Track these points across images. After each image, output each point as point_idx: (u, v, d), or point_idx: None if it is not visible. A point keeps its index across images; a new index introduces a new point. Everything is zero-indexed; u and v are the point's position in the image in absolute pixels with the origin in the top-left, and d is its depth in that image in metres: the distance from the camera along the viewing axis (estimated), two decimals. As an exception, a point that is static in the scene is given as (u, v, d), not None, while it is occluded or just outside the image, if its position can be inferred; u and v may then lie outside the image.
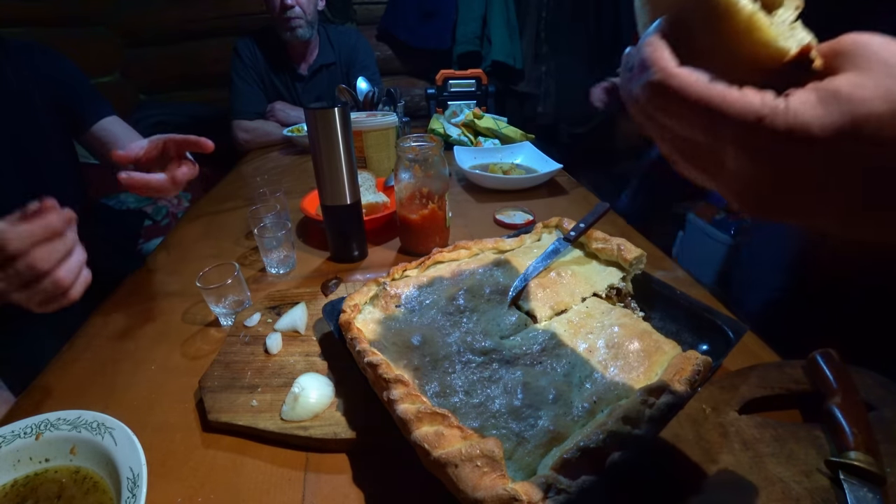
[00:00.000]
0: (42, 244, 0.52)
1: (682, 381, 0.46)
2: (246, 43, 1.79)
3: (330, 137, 0.75)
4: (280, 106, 1.81)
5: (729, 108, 0.25)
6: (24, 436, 0.48)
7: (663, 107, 0.28)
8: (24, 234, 0.51)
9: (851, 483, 0.40)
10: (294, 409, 0.51)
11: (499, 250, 0.73)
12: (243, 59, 1.77)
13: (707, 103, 0.26)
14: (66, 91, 1.06)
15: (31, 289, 0.52)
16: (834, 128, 0.23)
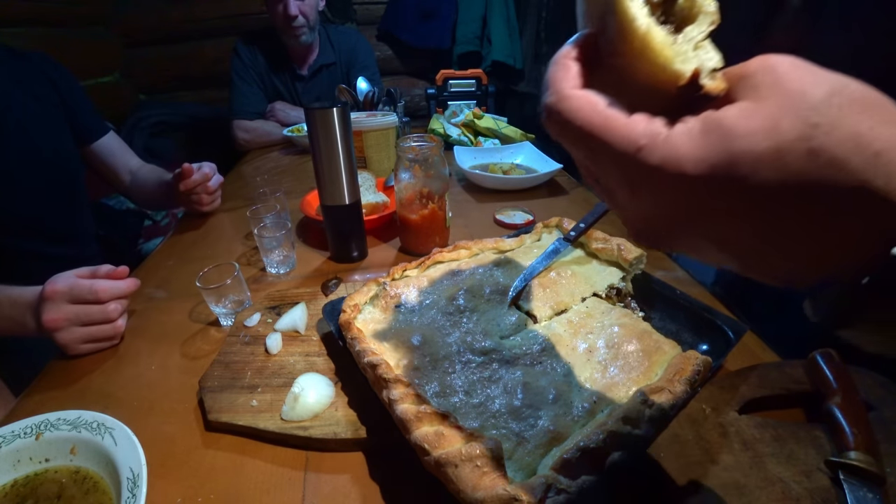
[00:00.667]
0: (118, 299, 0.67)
1: (682, 381, 0.46)
2: (246, 43, 1.79)
3: (330, 137, 0.75)
4: (280, 106, 1.81)
5: (610, 136, 0.23)
6: (24, 436, 0.48)
7: (555, 131, 0.26)
8: (114, 289, 0.66)
9: (851, 483, 0.40)
10: (294, 409, 0.51)
11: (499, 250, 0.73)
12: (243, 60, 1.77)
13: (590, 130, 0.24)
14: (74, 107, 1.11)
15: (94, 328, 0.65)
16: (708, 164, 0.21)
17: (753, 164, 0.20)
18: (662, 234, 0.25)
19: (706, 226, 0.23)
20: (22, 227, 1.00)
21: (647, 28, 0.23)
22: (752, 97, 0.21)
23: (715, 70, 0.23)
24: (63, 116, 1.07)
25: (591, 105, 0.24)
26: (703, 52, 0.23)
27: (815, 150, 0.19)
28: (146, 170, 1.23)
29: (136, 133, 2.22)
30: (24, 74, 1.01)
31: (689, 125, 0.22)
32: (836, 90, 0.20)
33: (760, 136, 0.20)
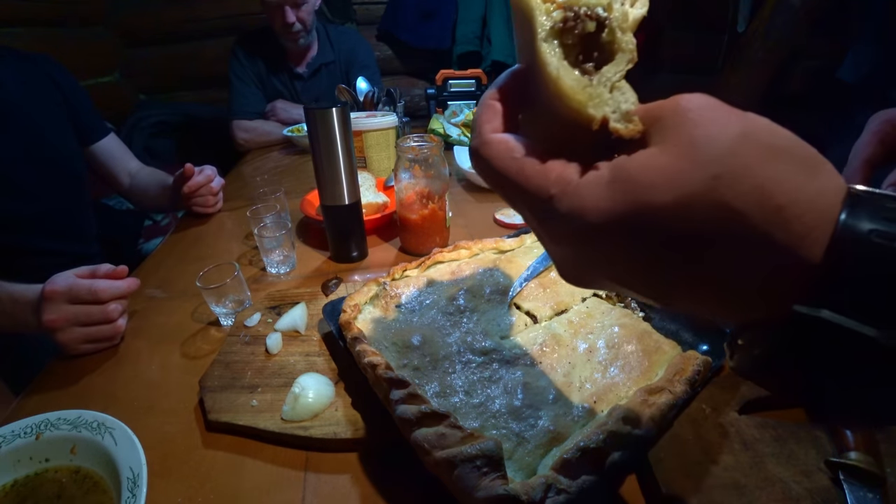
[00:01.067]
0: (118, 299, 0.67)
1: (683, 381, 0.46)
2: (243, 45, 1.80)
3: (330, 137, 0.75)
4: (281, 105, 1.81)
5: (524, 183, 0.23)
6: (24, 436, 0.48)
7: (479, 173, 0.26)
8: (113, 289, 0.66)
9: (851, 483, 0.40)
10: (294, 409, 0.51)
11: (499, 250, 0.73)
12: (241, 61, 1.78)
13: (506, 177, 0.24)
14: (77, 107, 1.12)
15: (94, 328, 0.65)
16: (612, 216, 0.20)
17: (656, 218, 0.20)
18: (577, 274, 0.26)
19: (617, 271, 0.23)
20: (26, 224, 1.00)
21: (558, 73, 0.22)
22: (661, 143, 0.21)
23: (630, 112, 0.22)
24: (66, 116, 1.08)
25: (509, 151, 0.24)
26: (620, 93, 0.23)
27: (717, 202, 0.19)
28: (145, 173, 1.24)
29: (135, 133, 2.22)
30: (29, 75, 1.02)
31: (599, 174, 0.22)
32: (743, 137, 0.19)
33: (664, 189, 0.19)
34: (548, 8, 0.24)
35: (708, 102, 0.21)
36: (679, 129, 0.20)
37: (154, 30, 2.34)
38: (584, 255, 0.23)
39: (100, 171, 1.20)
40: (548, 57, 0.23)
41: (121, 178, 1.22)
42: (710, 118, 0.20)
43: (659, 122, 0.21)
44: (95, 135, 1.16)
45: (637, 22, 0.24)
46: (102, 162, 1.19)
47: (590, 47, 0.24)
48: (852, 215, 0.19)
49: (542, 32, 0.23)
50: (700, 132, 0.20)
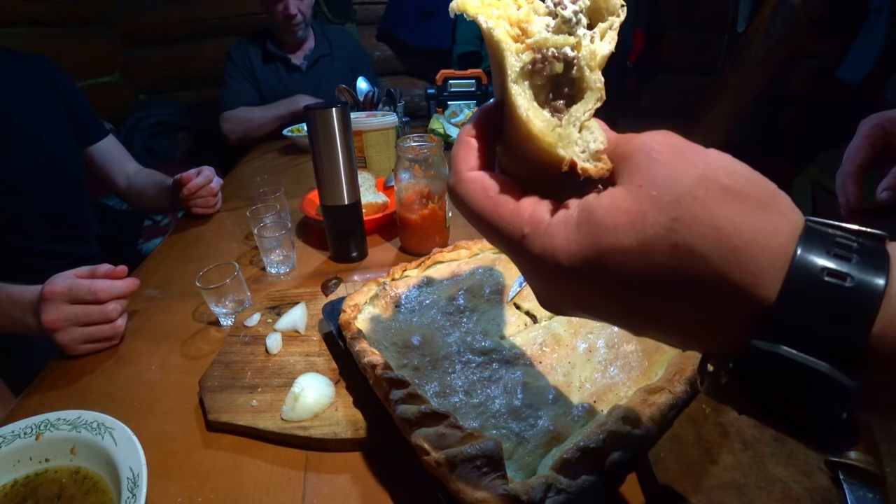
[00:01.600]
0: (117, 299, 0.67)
1: (683, 381, 0.46)
2: (238, 47, 1.85)
3: (329, 137, 0.75)
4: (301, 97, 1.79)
5: (498, 222, 0.24)
6: (24, 436, 0.48)
7: (458, 210, 0.27)
8: (112, 289, 0.66)
9: (851, 483, 0.40)
10: (294, 409, 0.51)
11: (499, 250, 0.73)
12: (235, 62, 1.83)
13: (480, 215, 0.25)
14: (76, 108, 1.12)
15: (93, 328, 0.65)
16: (579, 258, 0.21)
17: (620, 259, 0.21)
18: (554, 305, 0.27)
19: (587, 306, 0.24)
20: (25, 225, 1.00)
21: (528, 115, 0.23)
22: (627, 183, 0.21)
23: (599, 151, 0.23)
24: (65, 117, 1.08)
25: (484, 190, 0.25)
26: (588, 132, 0.23)
27: (676, 244, 0.19)
28: (144, 174, 1.23)
29: (135, 133, 2.22)
30: (27, 76, 1.02)
31: (568, 214, 0.22)
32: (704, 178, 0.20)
33: (627, 231, 0.20)
34: (518, 48, 0.24)
35: (670, 142, 0.21)
36: (642, 170, 0.21)
37: (154, 30, 2.34)
38: (556, 290, 0.25)
39: (97, 172, 1.20)
40: (518, 98, 0.23)
41: (118, 179, 1.22)
42: (671, 159, 0.21)
43: (625, 161, 0.22)
44: (93, 136, 1.16)
45: (605, 59, 0.24)
46: (100, 164, 1.19)
47: (560, 84, 0.24)
48: (805, 253, 0.19)
49: (513, 74, 0.24)
50: (661, 173, 0.20)
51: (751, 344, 0.20)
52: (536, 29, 0.25)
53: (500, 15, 0.25)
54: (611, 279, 0.21)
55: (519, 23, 0.25)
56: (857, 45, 1.65)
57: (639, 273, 0.20)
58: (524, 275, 0.27)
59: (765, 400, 0.22)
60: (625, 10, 0.25)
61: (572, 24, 0.24)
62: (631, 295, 0.22)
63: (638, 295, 0.21)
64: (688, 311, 0.21)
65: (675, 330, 0.23)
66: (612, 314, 0.24)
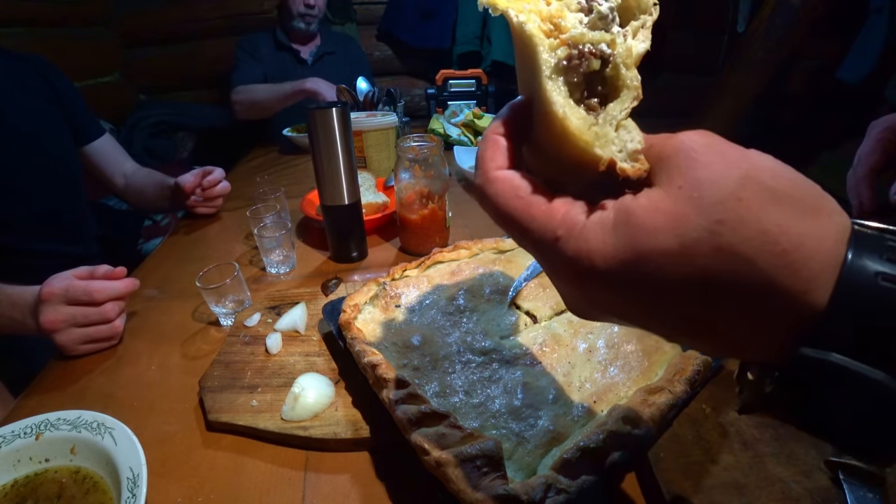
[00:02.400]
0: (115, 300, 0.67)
1: (683, 381, 0.46)
2: (247, 38, 1.91)
3: (330, 137, 0.75)
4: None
5: (530, 224, 0.23)
6: (24, 436, 0.48)
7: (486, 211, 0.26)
8: (109, 290, 0.66)
9: (851, 483, 0.40)
10: (294, 409, 0.51)
11: (499, 250, 0.73)
12: (244, 49, 1.88)
13: (511, 216, 0.24)
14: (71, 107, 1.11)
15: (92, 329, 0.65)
16: (617, 261, 0.21)
17: (660, 262, 0.20)
18: (586, 312, 0.26)
19: (623, 312, 0.23)
20: (22, 225, 1.00)
21: (565, 113, 0.22)
22: (666, 184, 0.21)
23: (636, 151, 0.22)
24: (61, 116, 1.07)
25: (514, 190, 0.24)
26: (625, 131, 0.22)
27: (721, 247, 0.19)
28: (142, 174, 1.23)
29: (135, 133, 2.22)
30: (22, 75, 1.02)
31: (604, 216, 0.22)
32: (747, 179, 0.19)
33: (668, 234, 0.19)
34: (551, 44, 0.23)
35: (710, 142, 0.21)
36: (682, 171, 0.20)
37: (154, 30, 2.34)
38: (590, 296, 0.23)
39: (94, 171, 1.20)
40: (553, 95, 0.23)
41: (115, 178, 1.22)
42: (712, 160, 0.20)
43: (663, 162, 0.21)
44: (90, 135, 1.16)
45: (640, 56, 0.24)
46: (96, 162, 1.18)
47: (593, 82, 0.24)
48: (857, 257, 0.19)
49: (547, 70, 0.23)
50: (703, 174, 0.20)
51: (799, 352, 0.19)
52: (570, 24, 0.24)
53: (531, 9, 0.24)
54: (649, 283, 0.20)
55: (551, 18, 0.24)
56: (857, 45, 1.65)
57: (679, 277, 0.20)
58: (555, 279, 0.25)
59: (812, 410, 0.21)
60: (657, 9, 0.24)
61: (608, 20, 0.24)
62: (670, 300, 0.21)
63: (678, 300, 0.20)
64: (731, 317, 0.20)
65: (716, 337, 0.22)
66: (647, 320, 0.23)
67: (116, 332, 0.68)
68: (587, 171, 0.23)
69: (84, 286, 0.64)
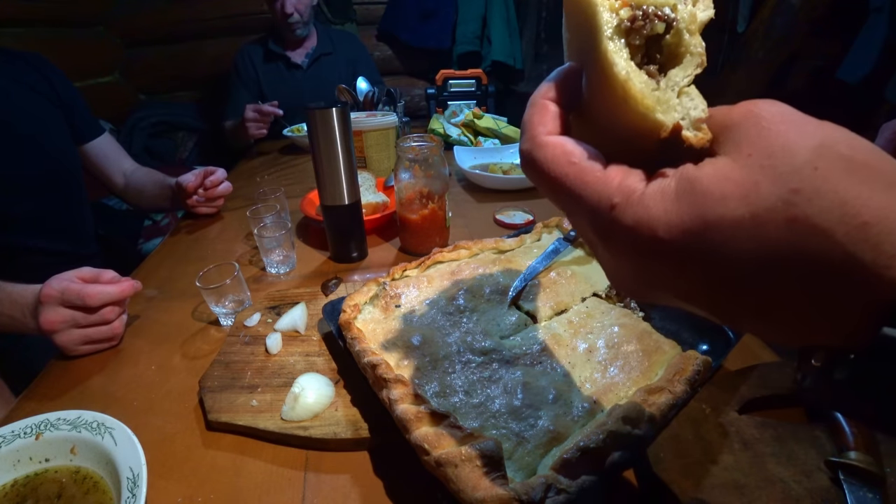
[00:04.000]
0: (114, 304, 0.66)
1: (682, 381, 0.46)
2: (241, 52, 1.92)
3: (330, 137, 0.75)
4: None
5: (584, 190, 0.22)
6: (24, 436, 0.48)
7: (532, 179, 0.25)
8: (103, 294, 0.65)
9: (851, 483, 0.40)
10: (294, 409, 0.51)
11: (499, 250, 0.73)
12: (238, 71, 1.90)
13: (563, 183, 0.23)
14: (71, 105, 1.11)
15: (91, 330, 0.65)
16: (681, 230, 0.19)
17: (728, 233, 0.18)
18: (637, 289, 0.24)
19: (680, 288, 0.22)
20: (21, 222, 1.00)
21: (627, 75, 0.21)
22: (733, 153, 0.19)
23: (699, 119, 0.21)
24: (61, 115, 1.07)
25: (566, 156, 0.23)
26: (688, 98, 0.22)
27: (795, 218, 0.18)
28: (142, 173, 1.23)
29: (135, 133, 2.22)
30: (22, 74, 1.02)
31: (665, 184, 0.20)
32: (823, 148, 0.18)
33: (737, 202, 0.18)
34: (612, 4, 0.22)
35: (782, 110, 0.19)
36: (752, 139, 0.19)
37: (154, 30, 2.34)
38: (646, 270, 0.22)
39: (94, 170, 1.20)
40: (614, 57, 0.22)
41: (115, 178, 1.21)
42: (785, 128, 0.19)
43: (729, 131, 0.20)
44: (89, 134, 1.16)
45: (703, 24, 0.23)
46: (96, 162, 1.18)
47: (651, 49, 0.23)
48: None
49: (608, 30, 0.22)
50: (778, 142, 0.18)
51: (881, 333, 0.18)
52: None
53: None
54: (715, 255, 0.19)
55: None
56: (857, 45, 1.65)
57: (749, 249, 0.18)
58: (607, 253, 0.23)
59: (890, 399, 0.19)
60: None
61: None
62: (737, 275, 0.19)
63: (745, 275, 0.19)
64: (803, 294, 0.19)
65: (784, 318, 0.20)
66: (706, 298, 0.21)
67: (116, 334, 0.68)
68: (643, 141, 0.22)
69: (78, 290, 0.64)
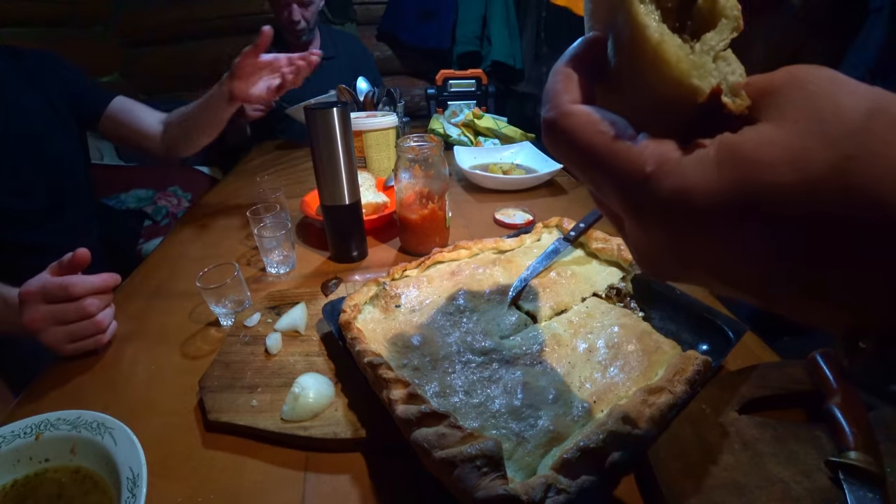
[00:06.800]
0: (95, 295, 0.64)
1: (682, 381, 0.46)
2: None
3: (330, 137, 0.75)
4: None
5: (614, 161, 0.21)
6: (24, 436, 0.48)
7: (555, 150, 0.23)
8: (86, 284, 0.63)
9: (851, 483, 0.40)
10: (294, 409, 0.51)
11: (499, 250, 0.73)
12: None
13: (592, 153, 0.21)
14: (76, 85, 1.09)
15: (74, 325, 0.63)
16: (723, 198, 0.18)
17: (776, 201, 0.17)
18: (668, 267, 0.23)
19: (718, 263, 0.20)
20: (27, 222, 1.00)
21: (661, 37, 0.20)
22: (777, 119, 0.18)
23: (737, 85, 0.20)
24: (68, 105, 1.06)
25: (594, 124, 0.22)
26: (725, 64, 0.20)
27: (851, 186, 0.16)
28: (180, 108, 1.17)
29: (136, 133, 2.21)
30: (24, 70, 1.01)
31: (703, 152, 0.19)
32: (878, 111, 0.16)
33: (786, 168, 0.17)
34: None
35: (830, 73, 0.18)
36: (798, 104, 0.18)
37: (154, 30, 2.34)
38: (682, 244, 0.21)
39: (124, 131, 1.15)
40: (646, 19, 0.20)
41: (151, 126, 1.16)
42: (835, 90, 0.17)
43: (771, 97, 0.19)
44: (102, 102, 1.12)
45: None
46: (122, 120, 1.13)
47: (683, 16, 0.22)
48: None
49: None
50: (827, 106, 0.17)
51: None
52: None
53: None
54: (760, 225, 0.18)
55: None
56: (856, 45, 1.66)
57: (798, 219, 0.17)
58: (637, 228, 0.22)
59: None
60: None
61: None
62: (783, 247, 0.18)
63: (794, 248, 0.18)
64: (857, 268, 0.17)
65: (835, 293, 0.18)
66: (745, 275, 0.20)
67: (100, 328, 0.65)
68: (677, 109, 0.20)
69: (59, 282, 0.62)
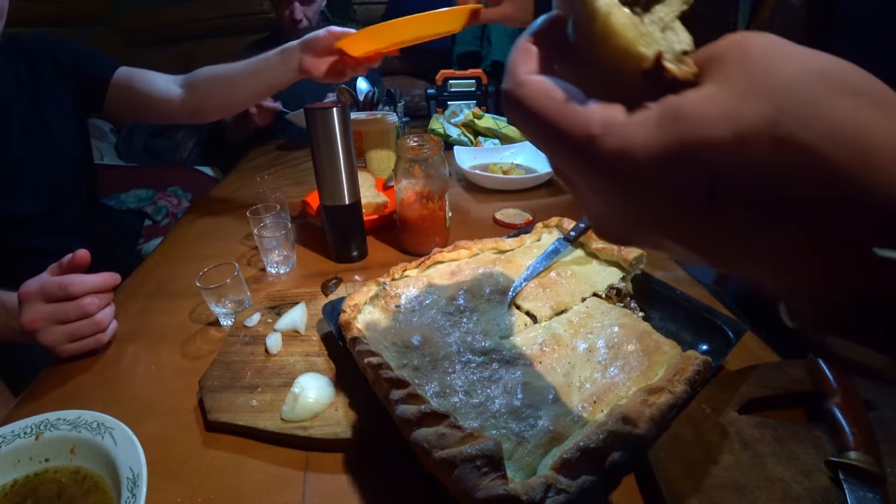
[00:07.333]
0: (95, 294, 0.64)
1: (683, 381, 0.46)
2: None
3: (330, 137, 0.75)
4: None
5: (563, 123, 0.22)
6: (24, 436, 0.48)
7: (512, 117, 0.24)
8: (85, 283, 0.63)
9: (851, 483, 0.40)
10: (294, 409, 0.51)
11: (499, 250, 0.73)
12: None
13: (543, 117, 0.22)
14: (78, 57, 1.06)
15: (74, 325, 0.63)
16: (661, 154, 0.19)
17: (711, 155, 0.18)
18: (622, 230, 0.24)
19: (666, 223, 0.21)
20: (29, 223, 1.00)
21: (609, 9, 0.21)
22: (717, 79, 0.19)
23: (684, 53, 0.21)
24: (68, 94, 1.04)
25: (546, 91, 0.23)
26: (672, 33, 0.22)
27: (781, 138, 0.17)
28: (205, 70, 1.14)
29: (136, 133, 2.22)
30: (23, 64, 0.99)
31: (647, 112, 0.20)
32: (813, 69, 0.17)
33: (719, 122, 0.17)
34: None
35: (772, 39, 0.19)
36: (738, 65, 0.18)
37: (154, 30, 2.35)
38: (629, 205, 0.21)
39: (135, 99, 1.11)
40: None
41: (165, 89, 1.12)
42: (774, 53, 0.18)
43: (714, 61, 0.19)
44: (108, 69, 1.10)
45: None
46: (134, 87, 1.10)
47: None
48: None
49: None
50: (765, 64, 0.18)
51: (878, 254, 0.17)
52: None
53: None
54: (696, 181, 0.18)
55: None
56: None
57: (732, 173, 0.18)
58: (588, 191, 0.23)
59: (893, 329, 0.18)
60: None
61: None
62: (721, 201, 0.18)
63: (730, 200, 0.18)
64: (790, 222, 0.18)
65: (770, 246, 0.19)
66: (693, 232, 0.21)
67: (100, 327, 0.65)
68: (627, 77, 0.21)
69: (58, 281, 0.62)
